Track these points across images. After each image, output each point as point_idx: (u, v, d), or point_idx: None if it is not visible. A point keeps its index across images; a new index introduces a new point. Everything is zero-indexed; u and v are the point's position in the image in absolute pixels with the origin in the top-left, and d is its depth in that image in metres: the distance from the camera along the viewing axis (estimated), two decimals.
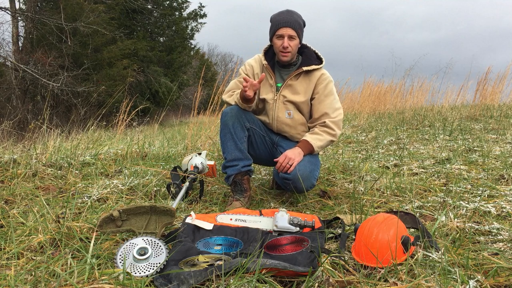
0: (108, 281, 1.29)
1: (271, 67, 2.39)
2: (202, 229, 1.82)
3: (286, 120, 2.38)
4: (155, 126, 6.47)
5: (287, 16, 2.25)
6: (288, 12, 2.28)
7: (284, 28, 2.23)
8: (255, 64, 2.45)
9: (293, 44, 2.26)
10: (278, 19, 2.26)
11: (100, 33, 15.13)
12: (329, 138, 2.30)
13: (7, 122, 4.80)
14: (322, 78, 2.35)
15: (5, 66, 14.11)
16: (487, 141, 4.14)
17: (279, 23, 2.25)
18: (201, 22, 22.78)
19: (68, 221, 1.82)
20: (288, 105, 2.37)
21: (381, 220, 1.53)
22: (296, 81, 2.36)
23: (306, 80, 2.36)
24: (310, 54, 2.39)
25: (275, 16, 2.29)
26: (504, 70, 7.70)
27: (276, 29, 2.26)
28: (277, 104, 2.37)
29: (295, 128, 2.40)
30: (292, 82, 2.36)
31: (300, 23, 2.28)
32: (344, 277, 1.37)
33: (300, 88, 2.35)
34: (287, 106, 2.37)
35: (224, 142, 2.34)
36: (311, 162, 2.27)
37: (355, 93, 10.29)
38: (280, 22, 2.25)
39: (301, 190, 2.21)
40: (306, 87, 2.35)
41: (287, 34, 2.23)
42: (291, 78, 2.35)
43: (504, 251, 1.55)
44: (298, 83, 2.36)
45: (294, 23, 2.24)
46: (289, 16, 2.25)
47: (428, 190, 2.52)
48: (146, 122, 6.99)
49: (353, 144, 4.84)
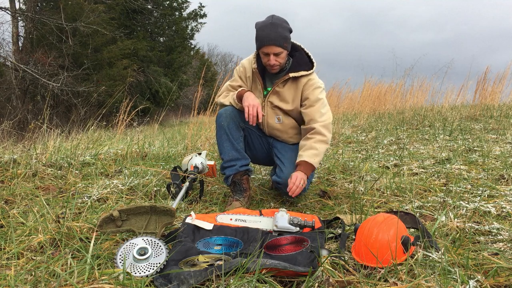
0: (108, 281, 1.29)
1: (261, 71, 2.32)
2: (202, 229, 1.82)
3: (276, 125, 2.36)
4: (155, 126, 6.47)
5: (270, 32, 2.11)
6: (271, 26, 2.12)
7: (268, 47, 2.12)
8: (248, 66, 2.38)
9: (280, 59, 2.18)
10: (262, 36, 2.13)
11: (100, 33, 15.12)
12: (323, 146, 2.22)
13: (7, 122, 4.79)
14: (308, 84, 2.27)
15: (5, 66, 14.11)
16: (487, 141, 4.14)
17: (263, 41, 2.13)
18: (201, 22, 22.81)
19: (68, 221, 1.82)
20: (277, 110, 2.33)
21: (381, 220, 1.53)
22: (283, 88, 2.30)
23: (293, 86, 2.29)
24: (301, 59, 2.30)
25: (259, 29, 2.15)
26: (504, 70, 7.71)
27: (260, 46, 2.16)
28: (265, 110, 2.34)
29: (286, 132, 2.38)
30: (279, 89, 2.30)
31: (284, 36, 2.14)
32: (344, 277, 1.37)
33: (287, 95, 2.30)
34: (276, 112, 2.34)
35: (220, 143, 2.34)
36: None
37: (355, 93, 10.28)
38: (263, 40, 2.13)
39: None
40: (294, 95, 2.29)
41: (272, 52, 2.14)
42: (278, 85, 2.29)
43: (504, 251, 1.55)
44: (286, 90, 2.30)
45: (278, 40, 2.11)
46: (273, 32, 2.11)
47: (428, 190, 2.52)
48: (146, 122, 6.99)
49: (353, 144, 4.84)
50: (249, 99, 2.19)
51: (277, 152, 2.39)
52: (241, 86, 2.39)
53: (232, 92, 2.39)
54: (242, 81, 2.40)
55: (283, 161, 2.31)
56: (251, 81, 2.38)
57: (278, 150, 2.38)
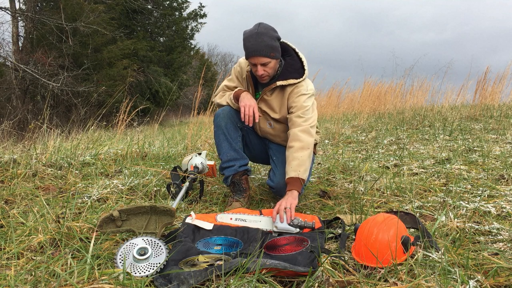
0: (108, 281, 1.29)
1: (253, 76, 2.28)
2: (202, 229, 1.82)
3: (269, 130, 2.36)
4: (155, 126, 6.47)
5: (255, 43, 2.04)
6: (257, 35, 2.05)
7: (254, 58, 2.08)
8: (244, 67, 2.34)
9: (268, 68, 2.12)
10: (247, 47, 2.07)
11: (100, 33, 15.12)
12: (304, 153, 2.10)
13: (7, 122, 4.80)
14: (293, 92, 2.20)
15: (5, 66, 14.11)
16: (487, 141, 4.14)
17: (249, 52, 2.07)
18: (201, 22, 22.80)
19: (68, 221, 1.82)
20: (267, 116, 2.31)
21: (381, 220, 1.53)
22: (270, 97, 2.25)
23: (280, 95, 2.24)
24: (292, 65, 2.22)
25: (245, 40, 2.09)
26: (504, 70, 7.71)
27: (247, 57, 2.11)
28: None
29: (279, 136, 2.36)
30: (267, 98, 2.25)
31: (271, 45, 2.07)
32: (344, 277, 1.37)
33: (275, 103, 2.25)
34: (266, 117, 2.32)
35: (218, 143, 2.34)
36: None
37: (355, 93, 10.28)
38: (249, 51, 2.07)
39: None
40: (280, 103, 2.24)
41: (259, 63, 2.09)
42: (266, 93, 2.24)
43: (504, 251, 1.55)
44: (273, 99, 2.25)
45: (264, 50, 2.05)
46: (258, 42, 2.04)
47: (428, 190, 2.52)
48: (146, 122, 6.98)
49: (353, 144, 4.84)
50: (245, 99, 2.18)
51: (272, 154, 2.38)
52: (237, 87, 2.37)
53: (229, 92, 2.38)
54: (238, 81, 2.39)
55: (277, 164, 2.30)
56: (246, 82, 2.36)
57: (273, 152, 2.38)
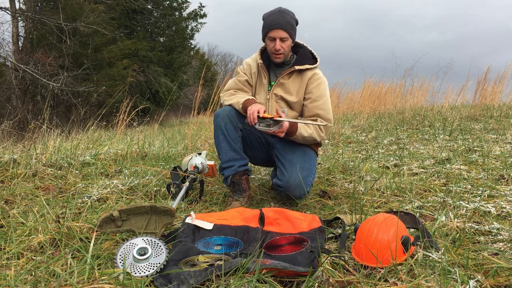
0: (108, 281, 1.29)
1: (266, 66, 2.39)
2: (202, 229, 1.82)
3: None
4: (155, 126, 6.47)
5: (278, 17, 2.20)
6: (279, 13, 2.23)
7: (275, 30, 2.20)
8: (252, 63, 2.45)
9: (285, 46, 2.24)
10: (269, 21, 2.22)
11: (100, 33, 15.13)
12: (315, 136, 2.25)
13: (7, 122, 4.80)
14: (313, 78, 2.33)
15: (5, 66, 14.11)
16: (487, 141, 4.14)
17: (270, 25, 2.21)
18: (201, 22, 22.80)
19: (68, 221, 1.82)
20: (281, 103, 2.36)
21: (381, 220, 1.53)
22: (288, 80, 2.35)
23: (298, 79, 2.34)
24: (305, 54, 2.37)
25: (267, 16, 2.25)
26: (504, 70, 7.71)
27: (268, 31, 2.23)
28: (269, 103, 2.37)
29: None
30: (284, 81, 2.35)
31: (292, 24, 2.23)
32: (344, 277, 1.37)
33: (292, 87, 2.34)
34: (280, 104, 2.36)
35: (218, 143, 2.34)
36: (304, 168, 2.23)
37: (355, 93, 10.27)
38: (271, 24, 2.21)
39: (294, 197, 2.22)
40: (298, 87, 2.34)
41: (278, 36, 2.20)
42: (283, 76, 2.34)
43: (504, 251, 1.55)
44: (291, 82, 2.35)
45: (285, 25, 2.19)
46: (281, 17, 2.20)
47: (428, 190, 2.52)
48: (146, 122, 6.98)
49: (353, 144, 4.84)
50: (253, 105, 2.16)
51: (277, 154, 2.36)
52: (248, 80, 2.43)
53: (240, 95, 2.37)
54: (247, 76, 2.44)
55: (284, 164, 2.27)
56: (256, 76, 2.42)
57: (279, 152, 2.35)
